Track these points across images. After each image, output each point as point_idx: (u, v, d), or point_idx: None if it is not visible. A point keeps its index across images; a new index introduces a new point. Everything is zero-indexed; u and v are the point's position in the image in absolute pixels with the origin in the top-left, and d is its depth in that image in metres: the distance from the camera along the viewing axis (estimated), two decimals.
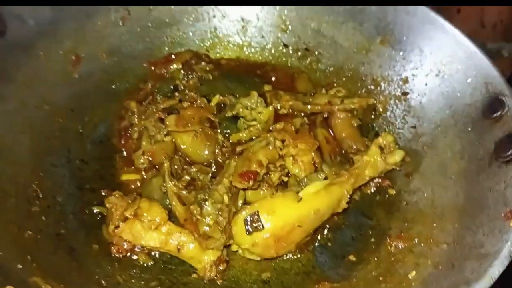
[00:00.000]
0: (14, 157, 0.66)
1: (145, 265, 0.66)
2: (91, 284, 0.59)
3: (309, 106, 0.83)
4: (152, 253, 0.67)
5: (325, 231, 0.71)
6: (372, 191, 0.75)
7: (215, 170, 0.75)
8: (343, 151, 0.80)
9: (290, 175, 0.74)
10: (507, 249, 0.48)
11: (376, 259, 0.65)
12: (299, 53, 0.92)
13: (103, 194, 0.72)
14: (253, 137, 0.79)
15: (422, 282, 0.55)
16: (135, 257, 0.66)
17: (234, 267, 0.67)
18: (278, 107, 0.83)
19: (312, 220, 0.66)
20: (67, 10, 0.78)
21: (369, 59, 0.86)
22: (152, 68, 0.88)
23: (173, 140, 0.77)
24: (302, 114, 0.84)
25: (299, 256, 0.68)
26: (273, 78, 0.91)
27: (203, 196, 0.66)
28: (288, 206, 0.65)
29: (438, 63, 0.77)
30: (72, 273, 0.59)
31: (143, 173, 0.76)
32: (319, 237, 0.70)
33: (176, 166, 0.74)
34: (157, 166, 0.75)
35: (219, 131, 0.79)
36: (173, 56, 0.88)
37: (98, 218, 0.69)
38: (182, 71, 0.83)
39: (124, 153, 0.78)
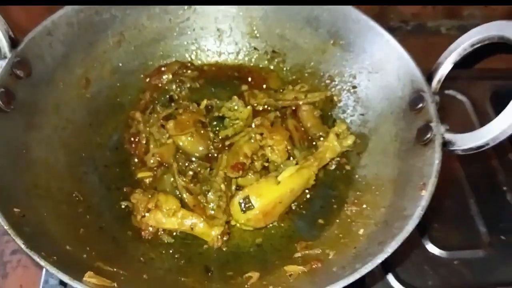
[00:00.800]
0: (57, 172, 0.85)
1: (168, 242, 0.85)
2: (134, 262, 0.79)
3: (280, 102, 1.03)
4: (173, 233, 0.87)
5: (300, 203, 0.92)
6: (333, 167, 0.96)
7: (211, 162, 0.96)
8: (309, 137, 1.01)
9: (269, 161, 0.95)
10: (418, 212, 0.69)
11: (337, 221, 0.86)
12: (268, 55, 1.09)
13: (125, 190, 0.92)
14: (237, 132, 0.99)
15: (367, 237, 0.75)
16: (160, 237, 0.87)
17: (234, 237, 0.87)
18: (255, 105, 1.03)
19: (289, 196, 0.87)
20: (75, 43, 0.94)
21: (325, 58, 1.03)
22: (148, 80, 1.06)
23: (174, 142, 0.97)
24: (275, 108, 1.04)
25: (282, 223, 0.89)
26: (249, 79, 1.09)
27: (206, 187, 0.88)
28: (270, 189, 0.86)
29: (377, 62, 0.95)
30: (119, 256, 0.79)
31: (155, 170, 0.96)
32: (295, 208, 0.92)
33: (180, 163, 0.94)
34: (165, 164, 0.95)
35: (209, 129, 0.99)
36: (163, 68, 1.06)
37: (127, 210, 0.88)
38: (174, 84, 1.01)
39: (136, 155, 0.98)
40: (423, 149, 0.80)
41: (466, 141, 0.75)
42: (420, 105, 0.84)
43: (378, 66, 0.96)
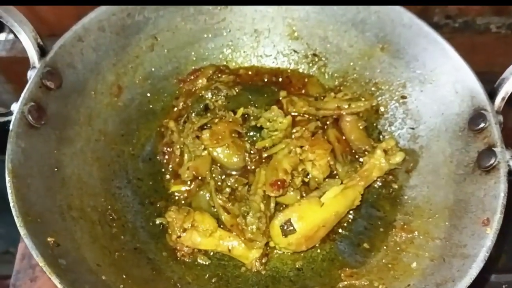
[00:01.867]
0: (90, 189, 0.81)
1: (205, 263, 0.82)
2: (170, 287, 0.77)
3: (321, 111, 0.97)
4: (209, 253, 0.83)
5: (342, 222, 0.86)
6: (379, 185, 0.89)
7: (248, 176, 0.91)
8: (353, 151, 0.94)
9: (310, 176, 0.90)
10: (483, 253, 0.62)
11: (385, 247, 0.80)
12: (309, 59, 1.02)
13: (158, 205, 0.88)
14: (276, 143, 0.93)
15: (422, 273, 0.69)
16: (196, 258, 0.82)
17: (273, 259, 0.83)
18: (294, 113, 0.97)
19: (333, 220, 0.82)
20: (106, 48, 0.88)
21: (371, 64, 0.96)
22: (181, 85, 1.00)
23: (210, 153, 0.91)
24: (315, 118, 0.97)
25: (323, 245, 0.84)
26: (288, 84, 1.03)
27: (245, 209, 0.83)
28: (314, 211, 0.80)
29: (431, 73, 0.87)
30: (155, 280, 0.75)
31: (189, 183, 0.91)
32: (338, 229, 0.86)
33: (216, 178, 0.89)
34: (200, 177, 0.91)
35: (246, 139, 0.93)
36: (197, 73, 1.00)
37: (161, 227, 0.85)
38: (210, 92, 0.95)
39: (170, 166, 0.93)
40: (484, 176, 0.73)
41: None
42: (482, 125, 0.77)
43: (431, 76, 0.88)
